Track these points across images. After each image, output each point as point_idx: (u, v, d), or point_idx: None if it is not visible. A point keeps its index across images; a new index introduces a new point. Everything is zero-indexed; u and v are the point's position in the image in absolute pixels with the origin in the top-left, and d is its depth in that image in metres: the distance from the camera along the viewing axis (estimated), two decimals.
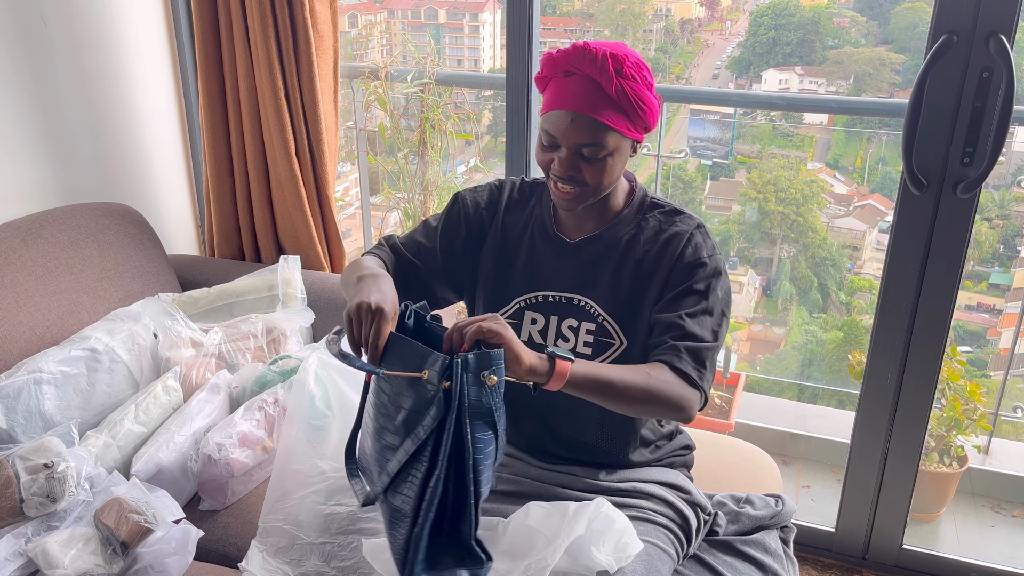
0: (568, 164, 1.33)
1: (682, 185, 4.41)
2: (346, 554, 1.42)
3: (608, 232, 1.44)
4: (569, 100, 1.31)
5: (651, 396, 1.27)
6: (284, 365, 1.97)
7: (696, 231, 1.41)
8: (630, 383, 1.26)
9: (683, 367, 1.31)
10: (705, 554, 1.53)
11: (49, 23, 2.13)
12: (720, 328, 1.37)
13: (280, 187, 2.39)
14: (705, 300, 1.36)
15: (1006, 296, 3.99)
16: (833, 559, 2.31)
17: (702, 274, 1.37)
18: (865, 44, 3.97)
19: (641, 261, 1.42)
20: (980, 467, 2.74)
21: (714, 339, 1.35)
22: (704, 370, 1.33)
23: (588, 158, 1.33)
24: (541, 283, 1.47)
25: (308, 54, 2.25)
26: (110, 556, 1.55)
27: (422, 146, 2.86)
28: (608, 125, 1.30)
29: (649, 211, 1.45)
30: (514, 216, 1.52)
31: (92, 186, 2.32)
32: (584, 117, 1.30)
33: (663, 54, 4.49)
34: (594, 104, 1.30)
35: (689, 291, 1.37)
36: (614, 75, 1.29)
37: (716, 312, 1.37)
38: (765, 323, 4.44)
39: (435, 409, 1.14)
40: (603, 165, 1.33)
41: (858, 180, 4.37)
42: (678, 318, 1.34)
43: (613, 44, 1.33)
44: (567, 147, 1.33)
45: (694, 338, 1.33)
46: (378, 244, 1.56)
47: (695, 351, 1.33)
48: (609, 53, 1.29)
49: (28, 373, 1.78)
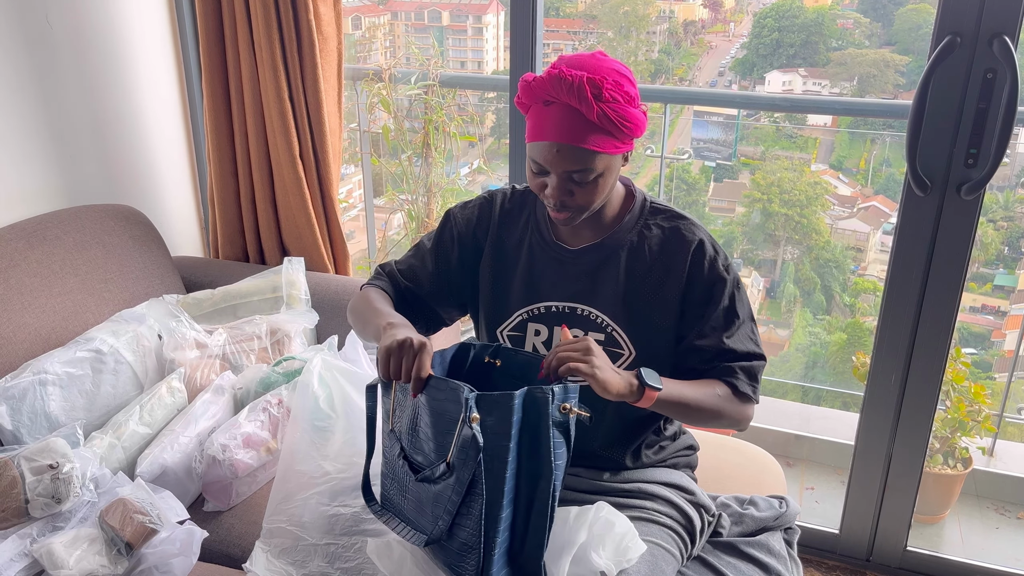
0: (560, 190, 1.33)
1: (685, 187, 4.41)
2: (350, 555, 1.42)
3: (610, 239, 1.43)
4: (551, 131, 1.29)
5: (717, 414, 1.38)
6: (288, 366, 1.97)
7: (704, 240, 1.41)
8: (702, 403, 1.36)
9: (742, 388, 1.39)
10: (709, 555, 1.53)
11: (54, 25, 2.14)
12: (756, 334, 1.45)
13: (284, 189, 2.40)
14: (736, 317, 1.41)
15: (1011, 298, 3.98)
16: (837, 561, 2.31)
17: (725, 290, 1.40)
18: (869, 46, 3.97)
19: (649, 271, 1.41)
20: (985, 469, 2.73)
21: (758, 348, 1.43)
22: (757, 384, 1.42)
23: (579, 182, 1.32)
24: (542, 294, 1.46)
25: (312, 56, 2.25)
26: (115, 557, 1.55)
27: (426, 148, 2.86)
28: (594, 150, 1.28)
29: (651, 217, 1.44)
30: (509, 227, 1.51)
31: (97, 188, 2.33)
32: (568, 147, 1.28)
33: (666, 56, 4.49)
34: (577, 133, 1.27)
35: (719, 312, 1.40)
36: (593, 101, 1.25)
37: (748, 320, 1.43)
38: (769, 325, 4.44)
39: (476, 442, 1.17)
40: (594, 185, 1.33)
41: (862, 182, 4.37)
42: (721, 343, 1.40)
43: (590, 61, 1.29)
44: (556, 175, 1.32)
45: (745, 357, 1.41)
46: (376, 274, 1.57)
47: (749, 370, 1.41)
48: (586, 79, 1.25)
49: (33, 374, 1.78)
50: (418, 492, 1.28)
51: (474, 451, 1.17)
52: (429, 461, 1.25)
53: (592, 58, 1.30)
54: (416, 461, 1.27)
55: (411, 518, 1.30)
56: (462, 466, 1.18)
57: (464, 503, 1.20)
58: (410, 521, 1.30)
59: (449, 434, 1.20)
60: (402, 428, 1.30)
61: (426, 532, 1.26)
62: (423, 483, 1.25)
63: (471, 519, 1.20)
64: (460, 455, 1.18)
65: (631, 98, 1.29)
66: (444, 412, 1.21)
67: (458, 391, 1.18)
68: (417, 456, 1.27)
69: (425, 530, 1.26)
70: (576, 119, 1.27)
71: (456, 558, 1.24)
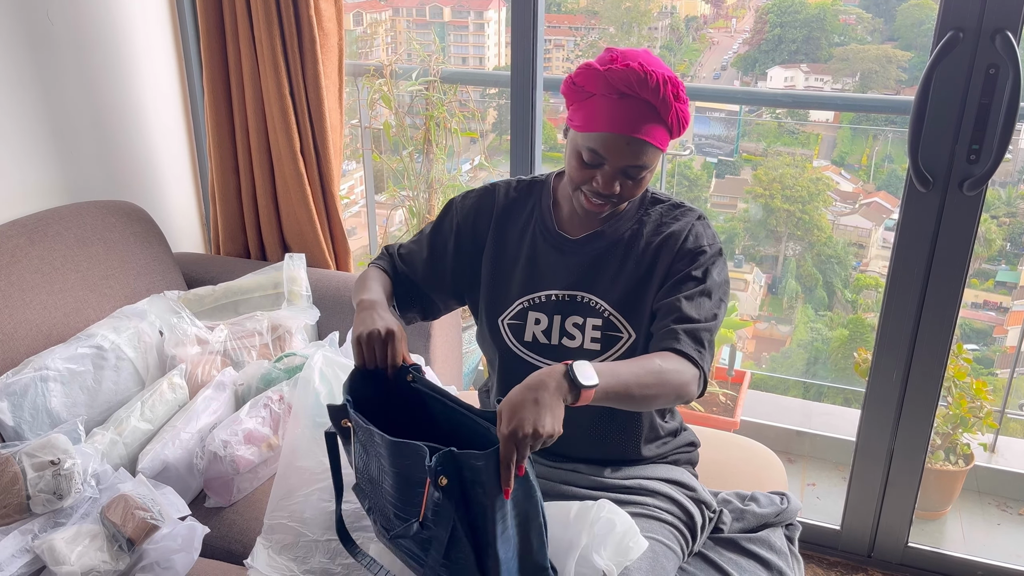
0: (612, 183, 1.34)
1: (687, 183, 4.40)
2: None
3: (611, 228, 1.45)
4: (627, 124, 1.30)
5: (662, 387, 1.28)
6: (289, 362, 1.97)
7: (697, 222, 1.44)
8: (644, 382, 1.26)
9: (683, 348, 1.32)
10: (710, 552, 1.53)
11: (55, 22, 2.14)
12: (719, 310, 1.40)
13: (285, 185, 2.40)
14: (702, 283, 1.39)
15: (1012, 294, 3.98)
16: (838, 557, 2.31)
17: (701, 260, 1.40)
18: (871, 41, 3.96)
19: (643, 254, 1.43)
20: (986, 465, 2.73)
21: (712, 319, 1.38)
22: (703, 350, 1.35)
23: (631, 176, 1.34)
24: (543, 283, 1.47)
25: (313, 52, 2.25)
26: (116, 553, 1.56)
27: (427, 144, 2.86)
28: (657, 147, 1.32)
29: (651, 206, 1.47)
30: (513, 217, 1.52)
31: (98, 184, 2.33)
32: (640, 142, 1.31)
33: (668, 52, 4.48)
34: (651, 129, 1.31)
35: (688, 277, 1.39)
36: (672, 101, 1.30)
37: (714, 296, 1.39)
38: (770, 321, 4.44)
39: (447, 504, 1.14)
40: (642, 181, 1.37)
41: (864, 178, 4.36)
42: (676, 301, 1.37)
43: (652, 59, 1.33)
44: (613, 167, 1.33)
45: (691, 320, 1.36)
46: (380, 255, 1.59)
47: (693, 332, 1.35)
48: (667, 78, 1.30)
49: (35, 370, 1.79)
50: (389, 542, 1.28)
51: (447, 512, 1.14)
52: (402, 517, 1.23)
53: (650, 56, 1.33)
54: (389, 518, 1.26)
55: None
56: (437, 525, 1.16)
57: (449, 551, 1.18)
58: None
59: (416, 495, 1.18)
60: (368, 484, 1.30)
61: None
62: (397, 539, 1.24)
63: (465, 562, 1.18)
64: (434, 516, 1.16)
65: (686, 99, 1.35)
66: (409, 474, 1.18)
67: (420, 452, 1.15)
68: (389, 511, 1.26)
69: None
70: (653, 116, 1.30)
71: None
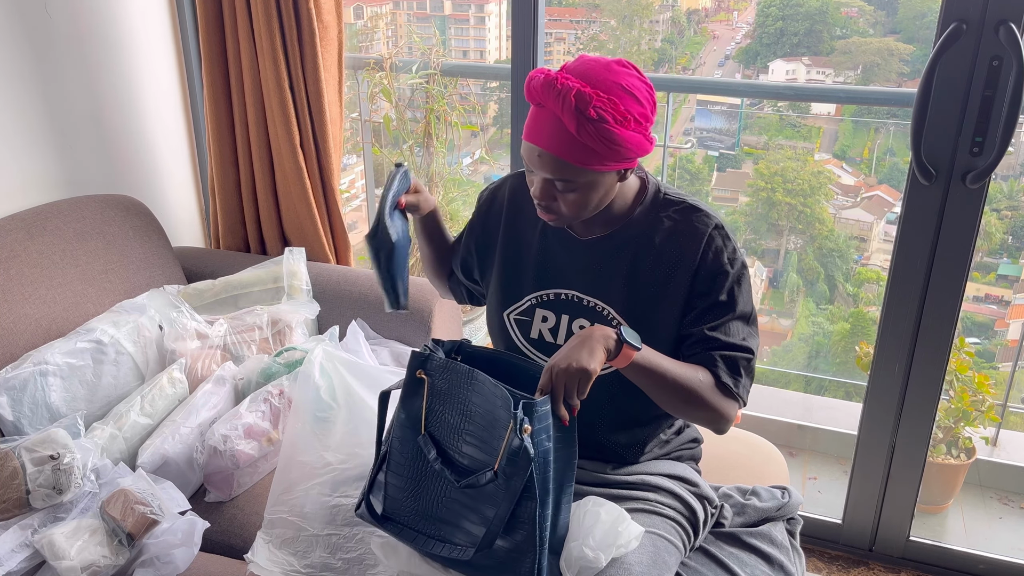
0: (542, 193, 1.30)
1: (688, 176, 4.39)
2: (351, 545, 1.42)
3: (620, 233, 1.40)
4: (536, 135, 1.25)
5: (697, 397, 1.29)
6: (289, 357, 1.97)
7: (715, 232, 1.36)
8: (680, 380, 1.27)
9: (723, 378, 1.32)
10: (711, 546, 1.52)
11: (53, 15, 2.13)
12: (750, 334, 1.37)
13: (285, 179, 2.39)
14: (730, 310, 1.35)
15: (1014, 287, 3.97)
16: (840, 551, 2.31)
17: (725, 283, 1.35)
18: (873, 34, 3.95)
19: (657, 262, 1.37)
20: (988, 459, 2.73)
21: (745, 343, 1.35)
22: (740, 379, 1.34)
23: (562, 191, 1.29)
24: (553, 281, 1.45)
25: (312, 45, 2.24)
26: (116, 547, 1.55)
27: (427, 138, 2.85)
28: (576, 165, 1.23)
29: (663, 208, 1.39)
30: (524, 208, 1.49)
31: (97, 178, 2.32)
32: (549, 156, 1.24)
33: (670, 45, 4.47)
34: (559, 144, 1.22)
35: (715, 303, 1.35)
36: (576, 116, 1.19)
37: (743, 317, 1.36)
38: (772, 315, 4.43)
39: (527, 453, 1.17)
40: (578, 198, 1.29)
41: (865, 171, 4.35)
42: (709, 330, 1.34)
43: (599, 73, 1.23)
44: (539, 178, 1.30)
45: (729, 347, 1.34)
46: None
47: (731, 360, 1.33)
48: (575, 92, 1.18)
49: (34, 365, 1.78)
50: (442, 499, 1.28)
51: (525, 461, 1.17)
52: (476, 465, 1.25)
53: (605, 69, 1.23)
54: (462, 465, 1.27)
55: (418, 527, 1.31)
56: (513, 475, 1.19)
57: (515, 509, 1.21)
58: (421, 531, 1.31)
59: (496, 439, 1.21)
60: (441, 431, 1.29)
61: (450, 541, 1.27)
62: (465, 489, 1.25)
63: (525, 523, 1.21)
64: (510, 465, 1.19)
65: (627, 119, 1.22)
66: (494, 417, 1.22)
67: (507, 398, 1.19)
68: (462, 460, 1.27)
69: (450, 539, 1.27)
70: (560, 130, 1.21)
71: (500, 566, 1.24)
